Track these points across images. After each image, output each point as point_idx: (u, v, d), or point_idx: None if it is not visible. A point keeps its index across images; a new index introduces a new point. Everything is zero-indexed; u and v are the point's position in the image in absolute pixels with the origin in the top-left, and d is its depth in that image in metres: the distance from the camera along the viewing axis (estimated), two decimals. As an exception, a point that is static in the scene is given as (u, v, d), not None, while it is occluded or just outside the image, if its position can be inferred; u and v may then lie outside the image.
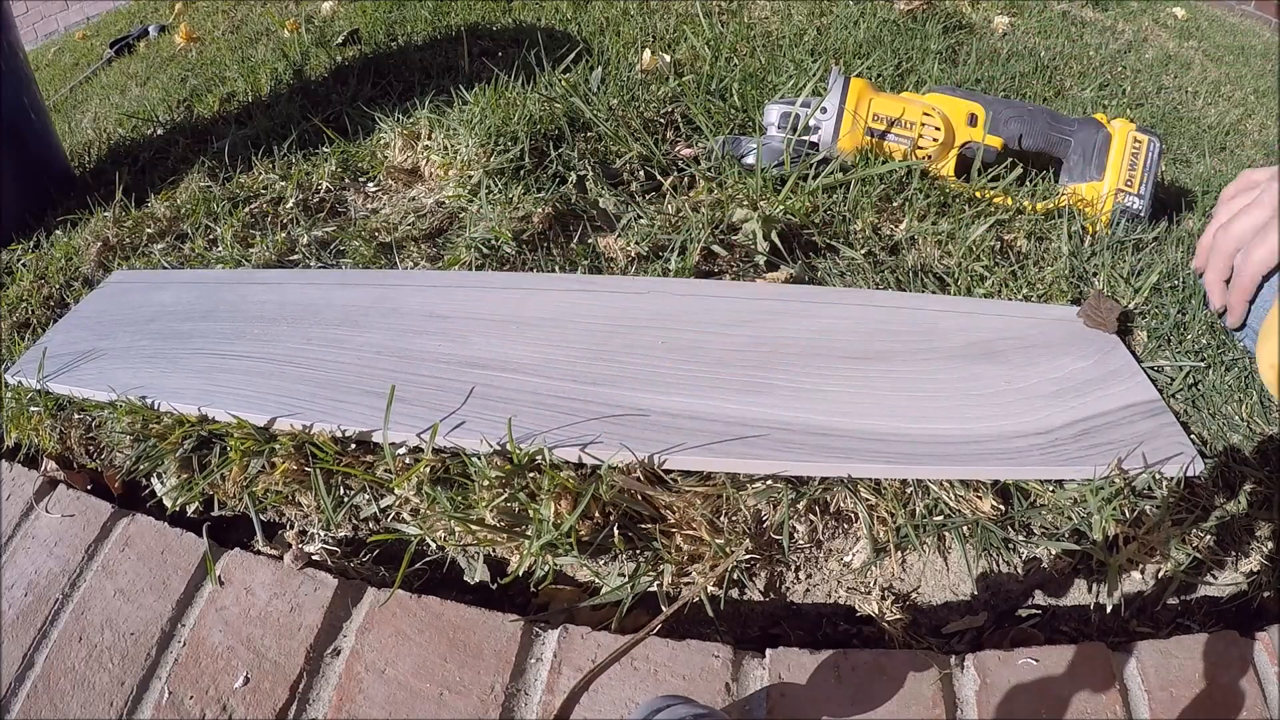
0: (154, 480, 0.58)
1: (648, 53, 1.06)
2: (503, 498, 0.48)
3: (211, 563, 0.51)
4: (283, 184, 0.84)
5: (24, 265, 0.82)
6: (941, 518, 0.49)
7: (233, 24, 1.56)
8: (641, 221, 0.71)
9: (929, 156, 0.75)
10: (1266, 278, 0.53)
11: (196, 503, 0.56)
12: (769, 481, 0.49)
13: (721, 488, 0.49)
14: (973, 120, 0.76)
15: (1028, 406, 0.52)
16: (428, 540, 0.51)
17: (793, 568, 0.51)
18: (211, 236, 0.79)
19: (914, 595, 0.50)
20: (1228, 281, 0.55)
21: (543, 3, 1.33)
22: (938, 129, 0.75)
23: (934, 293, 0.64)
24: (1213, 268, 0.56)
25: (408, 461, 0.51)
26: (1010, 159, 0.76)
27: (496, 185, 0.75)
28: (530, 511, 0.48)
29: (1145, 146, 0.73)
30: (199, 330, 0.63)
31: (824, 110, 0.74)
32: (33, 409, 0.62)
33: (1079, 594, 0.51)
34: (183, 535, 0.53)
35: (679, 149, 0.82)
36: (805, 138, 0.75)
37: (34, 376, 0.61)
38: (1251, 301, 0.59)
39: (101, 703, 0.45)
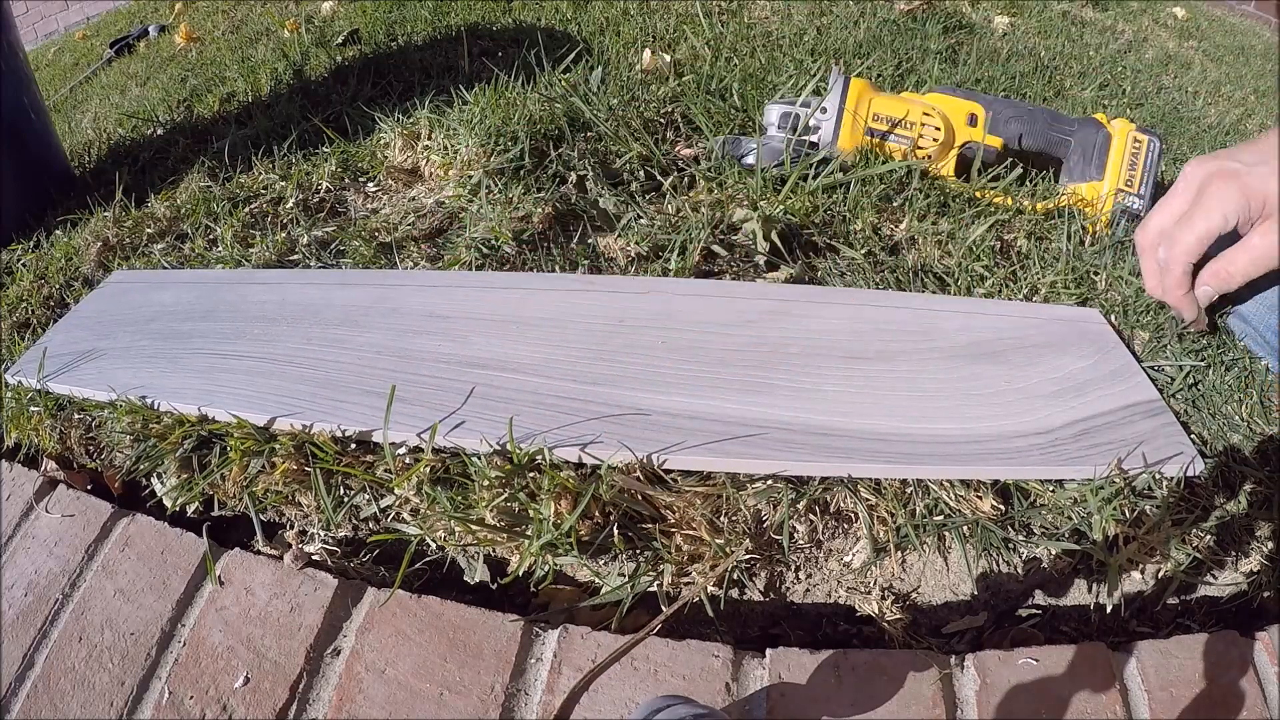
0: (154, 480, 0.58)
1: (648, 53, 1.06)
2: (503, 498, 0.48)
3: (211, 563, 0.51)
4: (283, 184, 0.84)
5: (24, 265, 0.82)
6: (941, 518, 0.49)
7: (233, 24, 1.56)
8: (641, 221, 0.71)
9: (929, 156, 0.75)
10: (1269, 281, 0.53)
11: (196, 503, 0.56)
12: (769, 481, 0.49)
13: (721, 488, 0.49)
14: (973, 120, 0.76)
15: (1028, 406, 0.52)
16: (428, 540, 0.51)
17: (793, 568, 0.51)
18: (211, 236, 0.79)
19: (914, 595, 0.50)
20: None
21: (543, 3, 1.33)
22: (938, 129, 0.75)
23: (934, 293, 0.64)
24: (1145, 269, 0.57)
25: (408, 461, 0.51)
26: (1010, 159, 0.76)
27: (496, 185, 0.75)
28: (530, 511, 0.48)
29: (1145, 146, 0.73)
30: (199, 330, 0.63)
31: (824, 110, 0.74)
32: (33, 409, 0.62)
33: (1079, 594, 0.51)
34: (183, 535, 0.53)
35: (679, 149, 0.82)
36: (805, 138, 0.75)
37: (34, 376, 0.61)
38: (1233, 300, 0.59)
39: (101, 703, 0.45)
